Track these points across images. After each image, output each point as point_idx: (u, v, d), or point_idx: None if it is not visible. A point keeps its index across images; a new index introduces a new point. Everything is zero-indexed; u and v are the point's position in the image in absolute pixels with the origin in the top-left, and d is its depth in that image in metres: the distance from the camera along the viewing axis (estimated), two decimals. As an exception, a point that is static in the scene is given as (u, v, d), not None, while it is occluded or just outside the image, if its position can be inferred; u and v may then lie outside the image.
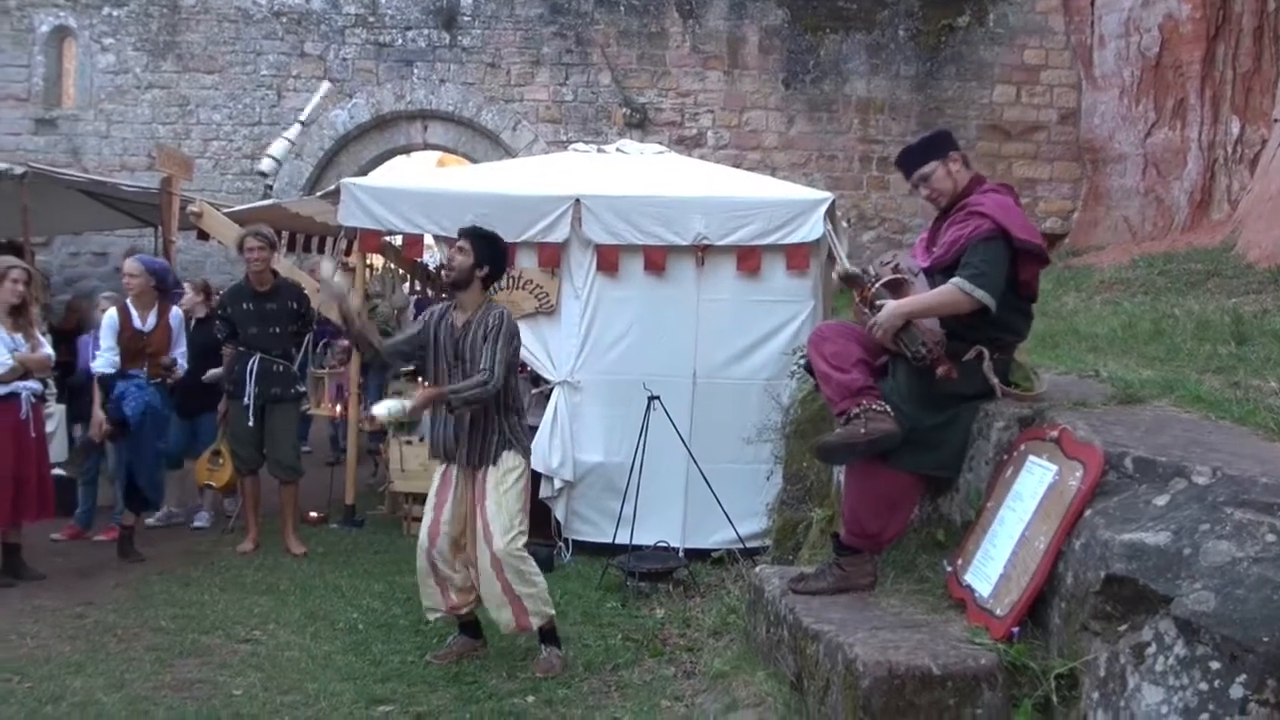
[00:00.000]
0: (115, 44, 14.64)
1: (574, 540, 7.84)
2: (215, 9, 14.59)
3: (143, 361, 7.51)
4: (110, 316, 7.56)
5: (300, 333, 8.23)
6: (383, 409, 5.27)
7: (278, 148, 6.04)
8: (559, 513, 7.85)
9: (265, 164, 5.62)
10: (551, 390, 7.95)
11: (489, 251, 5.51)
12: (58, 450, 8.20)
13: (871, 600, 4.23)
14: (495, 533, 5.30)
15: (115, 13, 14.60)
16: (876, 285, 4.39)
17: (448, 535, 5.44)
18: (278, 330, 7.87)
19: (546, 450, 7.76)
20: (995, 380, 4.27)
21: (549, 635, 5.52)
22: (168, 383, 7.69)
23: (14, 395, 6.82)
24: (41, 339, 7.10)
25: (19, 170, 9.41)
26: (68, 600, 6.50)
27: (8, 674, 5.18)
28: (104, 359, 7.47)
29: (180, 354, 7.75)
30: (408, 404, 5.31)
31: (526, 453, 5.55)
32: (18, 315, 6.91)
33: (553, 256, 7.90)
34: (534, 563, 5.47)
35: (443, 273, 5.52)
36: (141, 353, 7.50)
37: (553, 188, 8.11)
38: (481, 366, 5.28)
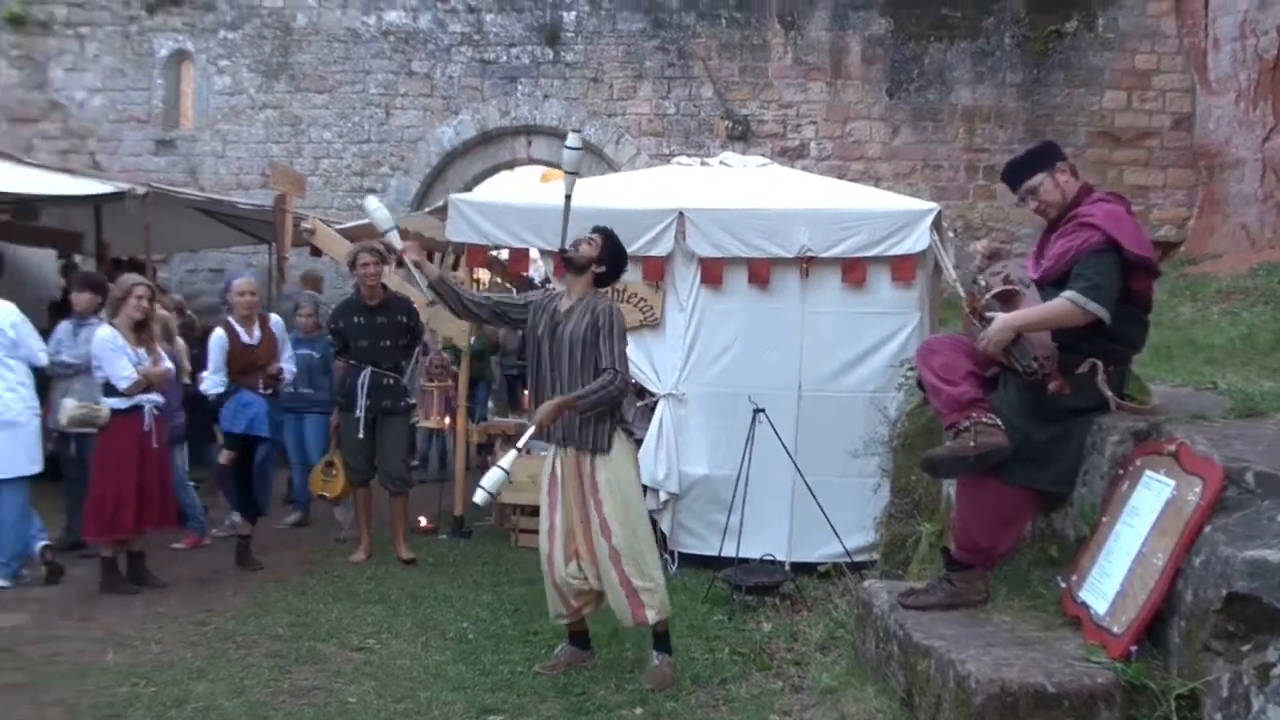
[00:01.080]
0: (230, 66, 15.05)
1: (679, 553, 7.87)
2: (326, 30, 14.92)
3: (255, 375, 7.71)
4: (218, 337, 7.75)
5: (410, 346, 8.37)
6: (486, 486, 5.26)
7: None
8: (664, 525, 7.87)
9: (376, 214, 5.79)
10: (656, 403, 7.99)
11: (612, 254, 5.61)
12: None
13: (983, 616, 4.18)
14: (613, 525, 5.36)
15: (230, 36, 15.01)
16: (986, 297, 4.34)
17: (563, 535, 5.49)
18: (388, 344, 8.01)
19: (652, 463, 7.79)
20: (1110, 393, 4.20)
21: (662, 639, 5.54)
22: (276, 392, 7.90)
23: (137, 408, 7.04)
24: (162, 354, 7.32)
25: (141, 190, 9.71)
26: (189, 607, 6.69)
27: (135, 678, 5.35)
28: (211, 380, 7.68)
29: (287, 358, 7.95)
30: (505, 476, 5.29)
31: (632, 437, 5.59)
32: (140, 331, 7.14)
33: (657, 270, 7.94)
34: (655, 557, 5.51)
35: (565, 253, 5.61)
36: (253, 366, 7.70)
37: (656, 201, 8.15)
38: (603, 365, 5.32)
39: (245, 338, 7.71)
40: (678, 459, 7.88)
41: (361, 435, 7.90)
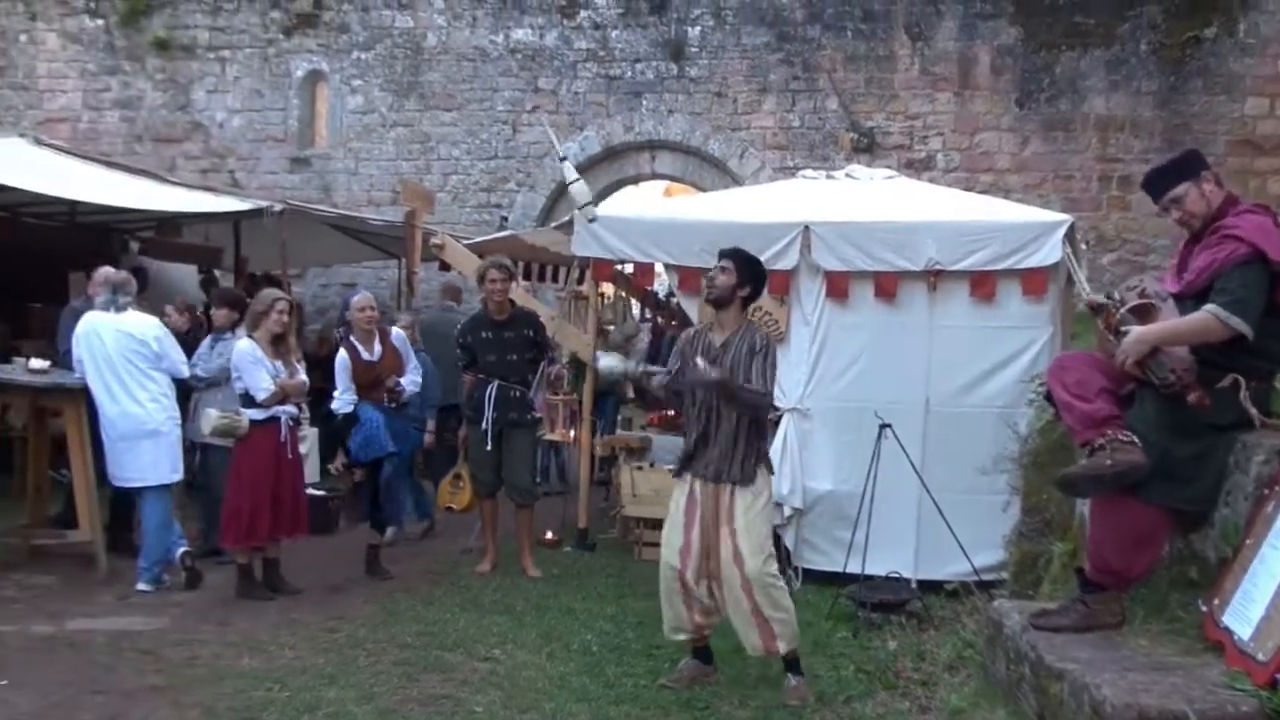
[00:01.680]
0: (363, 85, 15.42)
1: (803, 568, 7.80)
2: (455, 49, 15.19)
3: (379, 389, 7.84)
4: (341, 358, 7.89)
5: (536, 360, 8.45)
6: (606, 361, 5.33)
7: (570, 173, 6.39)
8: (788, 540, 7.81)
9: (575, 186, 5.94)
10: (780, 417, 7.94)
11: (751, 272, 5.62)
12: (311, 471, 8.67)
13: (1119, 640, 4.07)
14: (746, 554, 5.34)
15: (363, 56, 15.38)
16: (1122, 311, 4.24)
17: (698, 554, 5.49)
18: (514, 358, 8.09)
19: (776, 477, 7.71)
20: (1254, 410, 4.06)
21: (794, 663, 5.50)
22: (398, 404, 8.00)
23: (274, 419, 7.23)
24: (298, 366, 7.52)
25: (278, 207, 10.01)
26: (321, 615, 6.85)
27: (269, 683, 5.49)
28: (340, 400, 7.83)
29: (412, 368, 8.02)
30: (629, 365, 5.36)
31: (772, 473, 5.57)
32: (279, 344, 7.34)
33: (782, 284, 7.90)
34: (785, 587, 5.49)
35: (705, 290, 5.63)
36: (377, 381, 7.83)
37: (781, 214, 8.12)
38: (754, 387, 5.34)
39: (365, 354, 7.83)
40: (802, 474, 7.83)
41: (489, 448, 8.00)
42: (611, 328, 10.55)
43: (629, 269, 9.33)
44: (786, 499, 7.76)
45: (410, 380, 8.00)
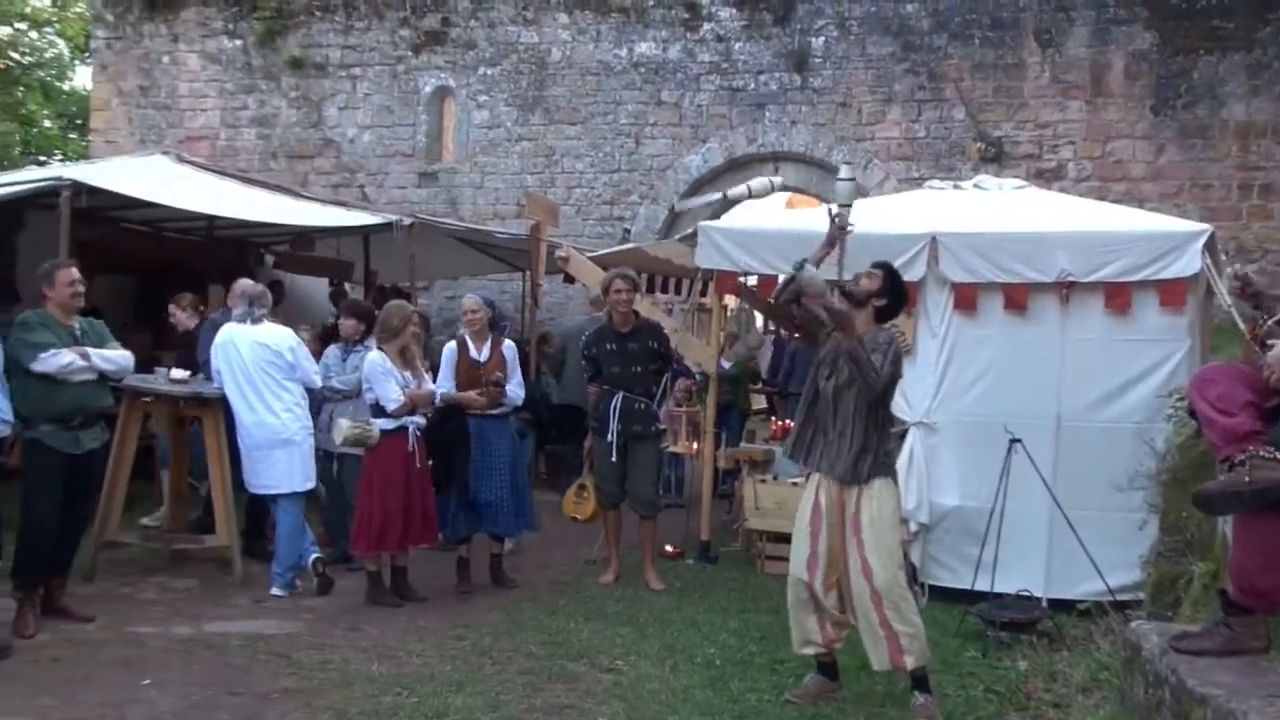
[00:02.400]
0: (489, 101, 15.66)
1: (930, 585, 7.67)
2: (579, 64, 15.35)
3: (481, 388, 7.88)
4: (449, 349, 8.01)
5: (660, 372, 8.45)
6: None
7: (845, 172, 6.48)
8: (914, 556, 7.68)
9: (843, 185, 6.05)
10: (906, 431, 7.83)
11: (894, 289, 5.65)
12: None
13: (1265, 665, 3.92)
14: (875, 567, 5.29)
15: (489, 72, 15.63)
16: (1269, 323, 4.09)
17: (825, 564, 5.45)
18: (639, 369, 8.11)
19: (901, 492, 7.62)
20: None
21: (921, 681, 5.41)
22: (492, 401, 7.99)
23: (403, 429, 7.36)
24: (426, 376, 7.64)
25: (407, 221, 10.19)
26: (447, 622, 6.93)
27: (398, 689, 5.58)
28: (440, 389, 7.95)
29: (516, 383, 8.02)
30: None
31: (896, 481, 5.52)
32: (406, 354, 7.47)
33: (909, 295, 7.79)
34: (914, 601, 5.42)
35: (845, 287, 5.63)
36: (479, 382, 7.89)
37: (907, 226, 8.01)
38: (871, 368, 5.32)
39: (474, 354, 7.92)
40: (929, 489, 7.70)
41: (614, 459, 8.03)
42: (736, 340, 10.52)
43: (752, 281, 9.29)
44: (913, 514, 7.64)
45: (512, 391, 7.98)
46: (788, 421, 10.31)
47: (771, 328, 12.93)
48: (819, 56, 14.67)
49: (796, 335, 11.70)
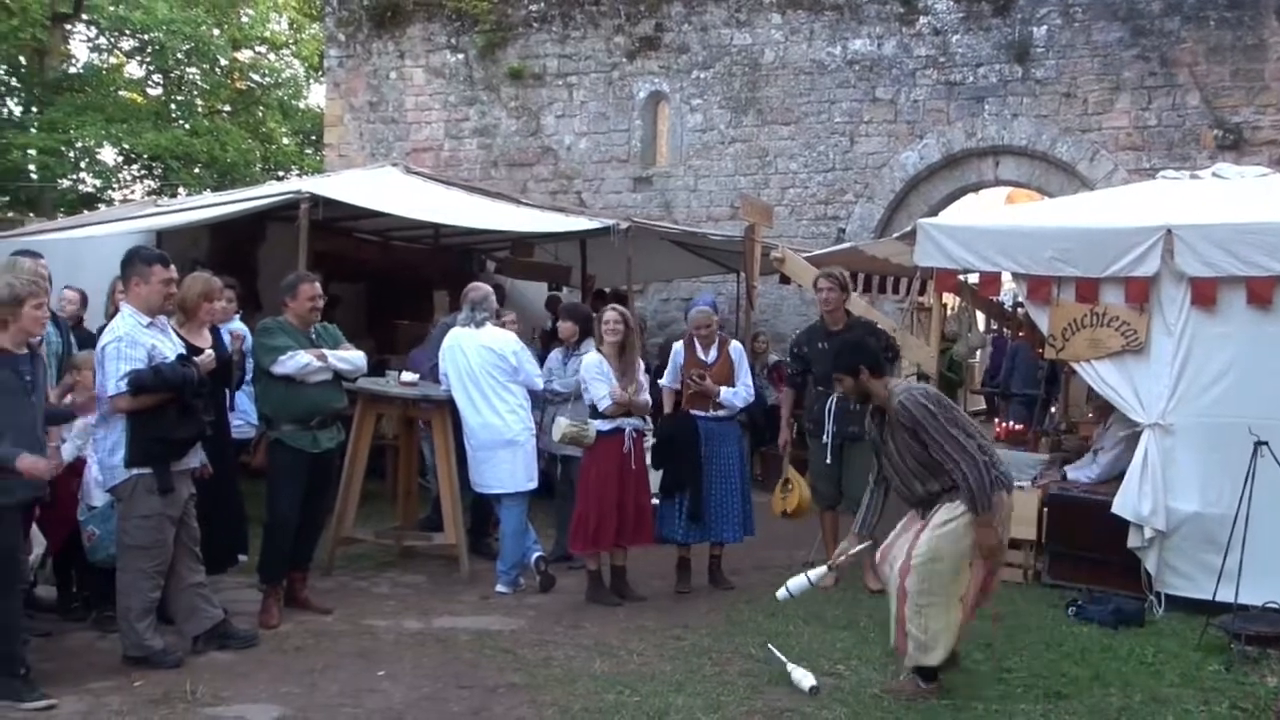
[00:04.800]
0: (702, 104, 15.72)
1: (1166, 594, 7.32)
2: (792, 64, 15.24)
3: (705, 399, 7.88)
4: (677, 349, 8.05)
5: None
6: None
7: None
8: (1149, 564, 7.36)
9: None
10: (1140, 433, 7.50)
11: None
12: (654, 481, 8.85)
13: None
14: (915, 567, 5.42)
15: (703, 75, 15.68)
16: None
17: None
18: (848, 369, 8.00)
19: (1135, 497, 7.33)
20: None
21: (922, 670, 5.57)
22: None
23: (619, 430, 7.46)
24: (643, 380, 7.71)
25: (625, 225, 10.33)
26: (666, 622, 6.99)
27: (620, 687, 5.66)
28: (667, 379, 8.00)
29: (744, 384, 7.99)
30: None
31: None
32: (622, 356, 7.55)
33: (1141, 291, 7.46)
34: (937, 618, 5.44)
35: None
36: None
37: (1140, 218, 7.67)
38: None
39: (701, 354, 7.93)
40: (1164, 493, 7.34)
41: (829, 461, 7.94)
42: (956, 340, 10.29)
43: (973, 279, 9.07)
44: (1147, 520, 7.32)
45: (734, 394, 7.90)
46: (1012, 424, 10.05)
47: (994, 327, 12.58)
48: (1041, 46, 14.17)
49: (1020, 334, 11.37)
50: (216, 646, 6.19)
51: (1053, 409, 10.63)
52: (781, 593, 5.83)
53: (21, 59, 25.42)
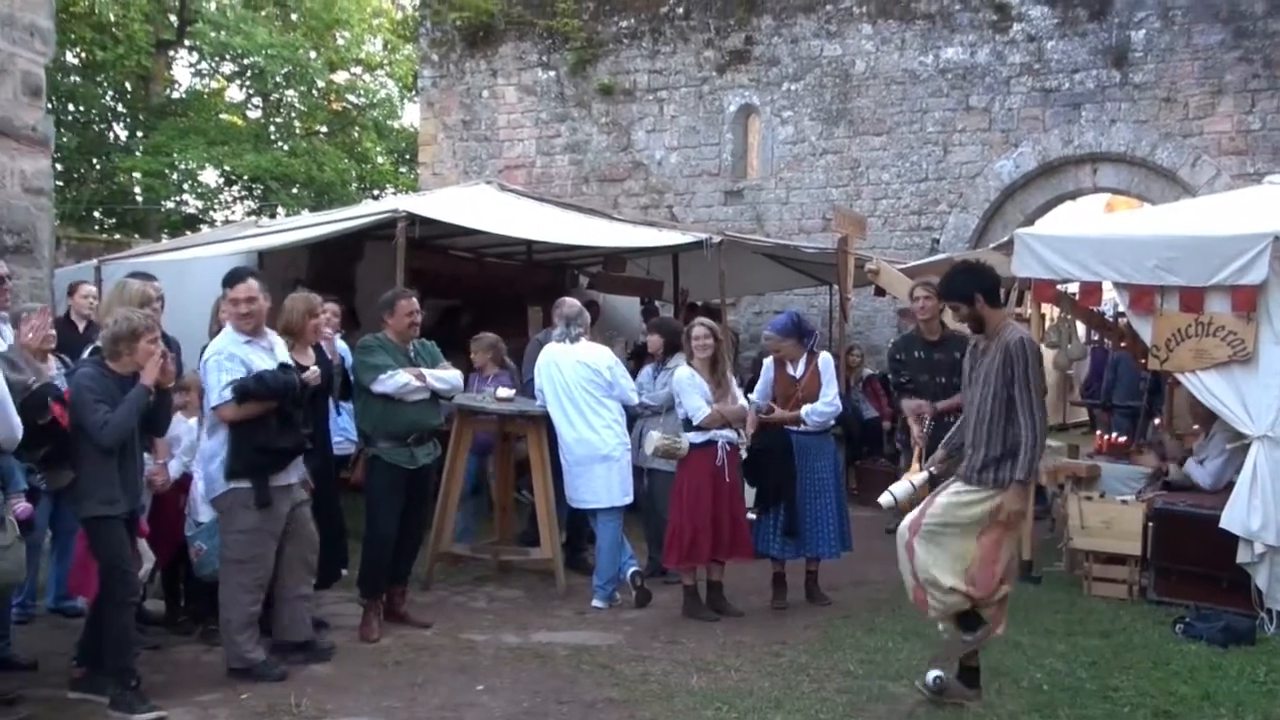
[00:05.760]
0: (793, 116, 15.68)
1: (1278, 612, 7.12)
2: (883, 74, 15.14)
3: (795, 408, 7.83)
4: (768, 364, 8.01)
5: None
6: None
7: None
8: (1260, 580, 7.15)
9: None
10: (1249, 445, 7.31)
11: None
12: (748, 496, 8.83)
13: None
14: (926, 523, 5.49)
15: (793, 87, 15.65)
16: None
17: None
18: (943, 380, 7.92)
19: (1245, 511, 7.14)
20: None
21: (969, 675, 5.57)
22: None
23: (711, 442, 7.44)
24: (737, 393, 7.70)
25: (717, 239, 10.33)
26: (763, 638, 6.95)
27: (718, 703, 5.64)
28: (756, 402, 7.96)
29: (828, 398, 7.89)
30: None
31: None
32: (714, 369, 7.55)
33: (1248, 300, 7.27)
34: (946, 578, 5.47)
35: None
36: (795, 399, 7.85)
37: (1246, 225, 7.48)
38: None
39: (790, 370, 7.89)
40: (1275, 508, 7.14)
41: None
42: (1056, 350, 10.10)
43: (1073, 289, 8.91)
44: (1257, 535, 7.12)
45: (814, 411, 7.74)
46: (1114, 435, 9.85)
47: (1094, 337, 12.35)
48: (1139, 50, 13.91)
49: (1122, 345, 11.16)
50: (302, 660, 6.30)
51: (1156, 421, 10.38)
52: (885, 498, 5.83)
53: (128, 85, 26.24)
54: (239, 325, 6.16)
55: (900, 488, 5.79)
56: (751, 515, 7.79)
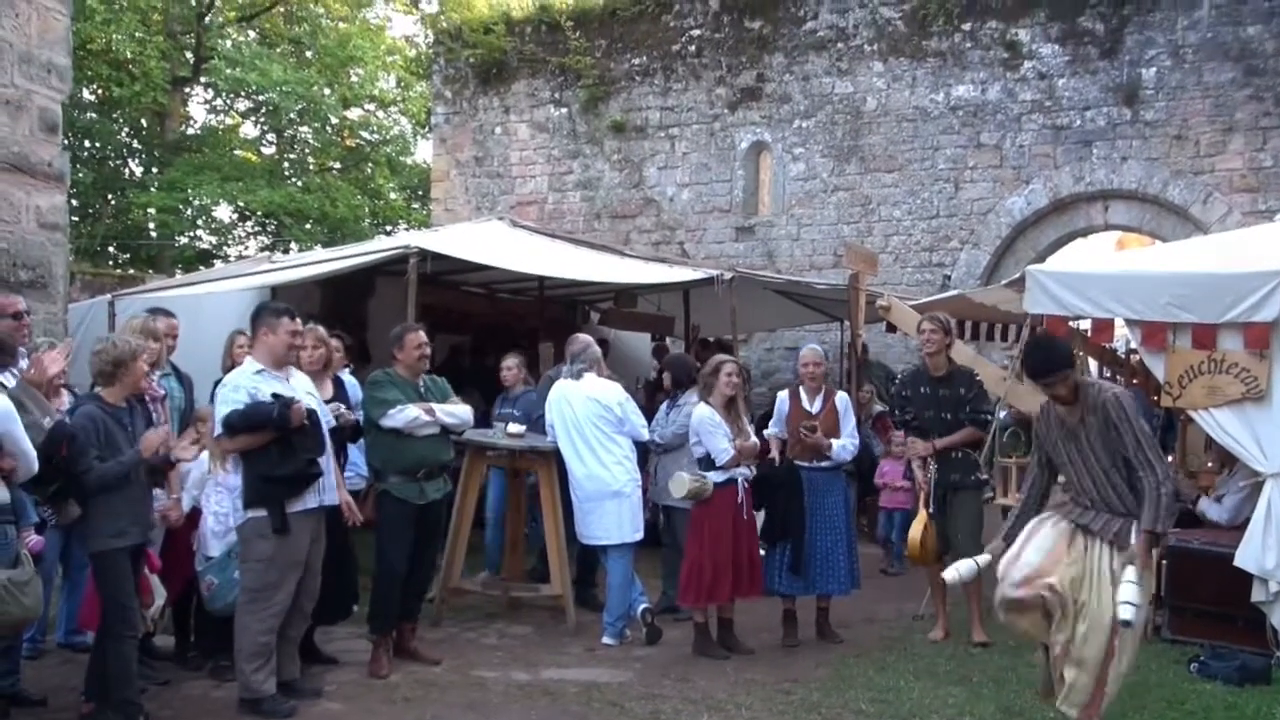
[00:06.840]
0: (804, 153, 15.73)
1: (1295, 652, 7.06)
2: (895, 111, 15.20)
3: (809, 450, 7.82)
4: (782, 398, 8.02)
5: (973, 421, 8.07)
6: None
7: None
8: (1275, 619, 7.07)
9: None
10: (1263, 483, 7.26)
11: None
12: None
13: None
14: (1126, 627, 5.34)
15: (805, 124, 15.71)
16: None
17: None
18: (948, 416, 7.87)
19: (1259, 549, 7.07)
20: None
21: None
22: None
23: (732, 480, 7.43)
24: (750, 429, 7.69)
25: (728, 275, 10.34)
26: (775, 676, 6.91)
27: (728, 743, 5.61)
28: (772, 434, 7.95)
29: (851, 436, 7.91)
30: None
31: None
32: (730, 407, 7.55)
33: (1261, 337, 7.24)
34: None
35: None
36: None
37: (1258, 262, 7.45)
38: None
39: (807, 404, 7.88)
40: (1289, 547, 7.09)
41: (932, 510, 7.83)
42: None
43: (1085, 325, 8.89)
44: (1272, 574, 7.05)
45: (843, 448, 7.81)
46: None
47: (1106, 373, 12.31)
48: (1150, 88, 13.94)
49: (1134, 381, 11.13)
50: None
51: (1169, 458, 10.34)
52: (950, 574, 5.83)
53: (143, 121, 26.42)
54: (287, 357, 6.27)
55: (965, 567, 5.80)
56: (761, 551, 7.76)
